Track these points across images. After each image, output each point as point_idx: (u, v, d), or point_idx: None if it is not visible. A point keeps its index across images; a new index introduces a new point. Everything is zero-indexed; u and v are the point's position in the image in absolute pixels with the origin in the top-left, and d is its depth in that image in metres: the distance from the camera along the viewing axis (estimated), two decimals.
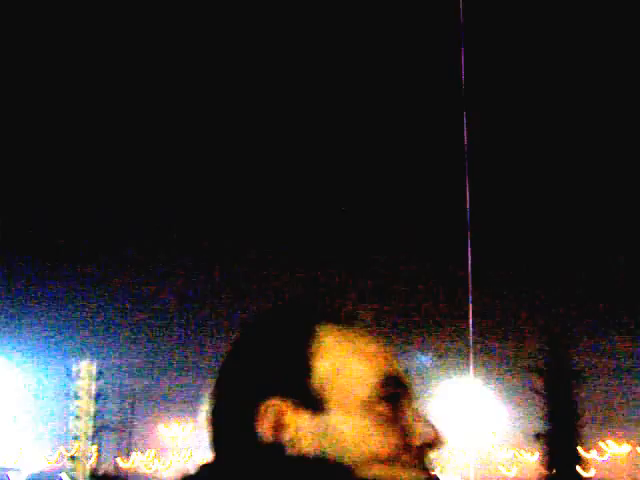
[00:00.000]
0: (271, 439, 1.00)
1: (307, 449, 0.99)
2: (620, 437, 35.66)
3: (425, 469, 1.01)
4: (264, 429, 1.01)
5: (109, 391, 30.47)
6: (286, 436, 1.00)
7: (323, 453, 0.99)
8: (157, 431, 45.37)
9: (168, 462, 46.60)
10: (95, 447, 29.54)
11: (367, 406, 1.01)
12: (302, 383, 1.02)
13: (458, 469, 33.63)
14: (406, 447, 1.00)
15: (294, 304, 1.12)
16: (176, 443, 45.36)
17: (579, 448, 30.48)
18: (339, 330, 1.07)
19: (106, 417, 31.67)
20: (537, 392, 31.29)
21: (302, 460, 0.99)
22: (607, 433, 35.57)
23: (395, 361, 1.07)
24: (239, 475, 0.99)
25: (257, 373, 1.04)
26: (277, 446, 1.00)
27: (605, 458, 34.96)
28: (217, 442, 1.06)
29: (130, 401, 31.66)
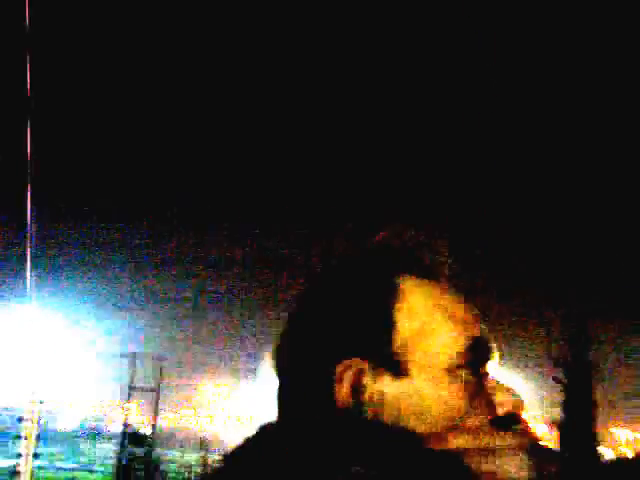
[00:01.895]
0: (348, 402, 0.93)
1: (387, 414, 0.93)
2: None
3: (517, 435, 0.93)
4: (341, 391, 0.93)
5: (141, 356, 31.99)
6: (365, 399, 0.93)
7: (404, 419, 0.92)
8: (192, 392, 46.90)
9: (207, 419, 48.14)
10: (129, 407, 31.10)
11: (452, 372, 0.94)
12: (384, 343, 0.94)
13: None
14: (491, 415, 0.93)
15: (373, 253, 1.01)
16: (211, 402, 46.81)
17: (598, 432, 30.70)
18: (424, 286, 0.99)
19: (138, 379, 33.21)
20: (557, 381, 31.45)
21: (381, 426, 0.92)
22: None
23: (481, 323, 0.99)
24: (312, 439, 0.92)
25: (333, 330, 0.96)
26: (354, 410, 0.93)
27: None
28: (284, 403, 0.98)
29: (159, 364, 33.08)
